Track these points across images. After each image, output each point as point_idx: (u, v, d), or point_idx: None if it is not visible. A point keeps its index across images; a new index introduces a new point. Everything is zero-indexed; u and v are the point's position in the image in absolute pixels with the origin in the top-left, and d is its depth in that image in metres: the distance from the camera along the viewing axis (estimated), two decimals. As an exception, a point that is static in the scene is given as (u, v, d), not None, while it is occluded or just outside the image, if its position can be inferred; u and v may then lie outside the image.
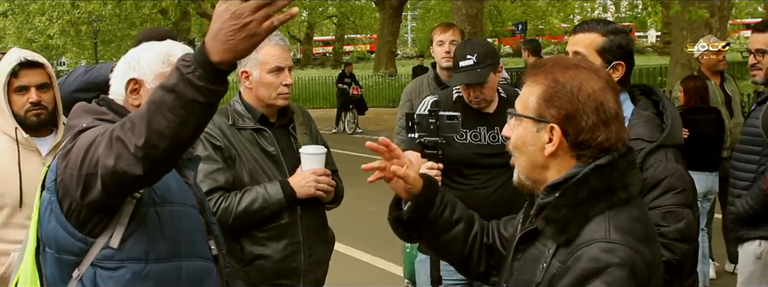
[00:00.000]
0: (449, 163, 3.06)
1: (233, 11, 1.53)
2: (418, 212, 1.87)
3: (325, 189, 2.82)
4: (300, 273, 2.86)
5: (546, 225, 1.59)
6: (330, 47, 46.96)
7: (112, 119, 1.97)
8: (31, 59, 2.70)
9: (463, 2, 14.54)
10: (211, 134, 2.82)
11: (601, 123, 1.58)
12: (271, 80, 2.82)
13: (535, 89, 1.63)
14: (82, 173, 1.78)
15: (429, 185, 1.88)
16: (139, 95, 2.04)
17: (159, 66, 2.03)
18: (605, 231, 1.51)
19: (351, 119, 17.71)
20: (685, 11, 10.40)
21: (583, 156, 1.60)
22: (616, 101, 1.61)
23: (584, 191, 1.56)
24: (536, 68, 1.66)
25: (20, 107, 2.70)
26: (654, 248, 1.57)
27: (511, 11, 33.35)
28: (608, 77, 1.64)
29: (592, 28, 2.39)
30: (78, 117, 2.01)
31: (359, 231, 6.98)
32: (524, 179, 1.68)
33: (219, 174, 2.76)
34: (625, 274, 1.46)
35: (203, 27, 38.99)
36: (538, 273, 1.57)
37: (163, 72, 2.01)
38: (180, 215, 2.00)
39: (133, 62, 2.07)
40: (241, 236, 2.81)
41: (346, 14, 38.70)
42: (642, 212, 1.62)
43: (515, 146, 1.67)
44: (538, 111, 1.61)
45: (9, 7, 26.61)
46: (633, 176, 1.62)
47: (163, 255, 1.94)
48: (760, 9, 28.43)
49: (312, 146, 2.85)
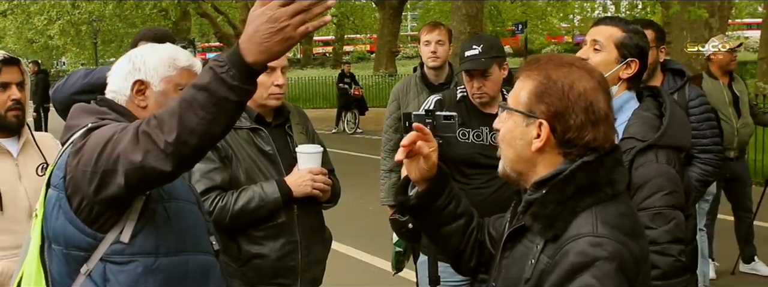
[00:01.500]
0: (451, 162, 3.06)
1: (270, 15, 1.59)
2: (426, 199, 1.88)
3: (321, 188, 2.82)
4: (297, 272, 2.85)
5: (534, 221, 1.60)
6: (330, 47, 46.96)
7: (115, 118, 1.99)
8: (11, 56, 2.64)
9: (463, 2, 14.54)
10: None
11: (589, 123, 1.58)
12: (262, 79, 2.79)
13: (528, 84, 1.64)
14: (98, 170, 1.80)
15: (442, 174, 1.90)
16: (145, 96, 2.07)
17: (165, 69, 2.07)
18: (592, 226, 1.53)
19: (351, 119, 17.72)
20: (685, 11, 10.39)
21: (570, 154, 1.61)
22: (607, 102, 1.62)
23: (571, 187, 1.58)
24: (531, 64, 1.67)
25: (1, 104, 2.61)
26: (641, 242, 1.59)
27: (511, 11, 33.38)
28: (601, 78, 1.65)
29: (616, 22, 2.45)
30: (78, 117, 2.02)
31: (359, 230, 6.97)
32: (509, 171, 1.70)
33: (215, 174, 2.77)
34: (613, 268, 1.47)
35: (203, 27, 39.03)
36: (527, 268, 1.59)
37: (169, 75, 2.07)
38: (185, 211, 2.04)
39: (138, 63, 2.08)
40: (238, 235, 2.81)
41: (346, 14, 38.73)
42: (628, 208, 1.64)
43: (504, 138, 1.69)
44: (528, 106, 1.63)
45: (9, 7, 26.62)
46: (619, 172, 1.64)
47: (172, 249, 1.98)
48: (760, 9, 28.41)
49: (308, 146, 2.85)
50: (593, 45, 2.44)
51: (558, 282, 1.50)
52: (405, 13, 36.86)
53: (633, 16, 27.24)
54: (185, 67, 2.10)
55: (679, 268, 2.24)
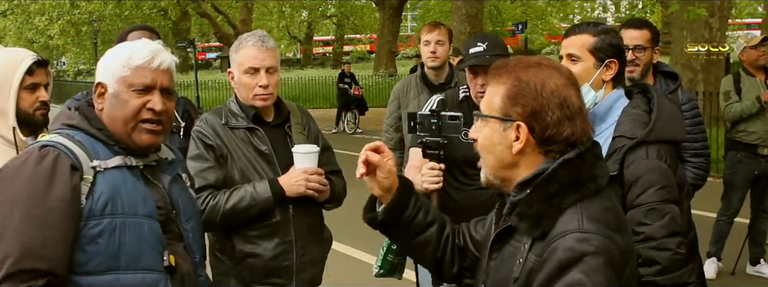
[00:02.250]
0: (453, 163, 3.07)
1: None
2: (392, 213, 1.88)
3: (315, 188, 2.82)
4: (292, 272, 2.86)
5: (520, 221, 1.61)
6: (330, 47, 46.93)
7: (77, 124, 1.99)
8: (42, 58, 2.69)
9: (463, 2, 14.55)
10: (204, 133, 2.84)
11: (565, 118, 1.61)
12: (247, 80, 2.84)
13: (499, 89, 1.66)
14: None
15: (404, 186, 1.90)
16: (103, 99, 2.02)
17: (120, 69, 2.00)
18: (578, 222, 1.55)
19: (351, 119, 17.71)
20: (684, 11, 10.39)
21: (551, 151, 1.63)
22: (579, 96, 1.65)
23: (554, 185, 1.59)
24: (499, 69, 1.69)
25: (30, 104, 2.65)
26: (626, 236, 1.61)
27: (511, 11, 33.34)
28: (569, 74, 1.67)
29: (583, 30, 2.47)
30: (55, 122, 2.05)
31: (359, 230, 6.88)
32: (493, 179, 1.71)
33: (209, 173, 2.78)
34: (600, 262, 1.49)
35: (203, 27, 39.06)
36: (516, 268, 1.60)
37: (123, 76, 1.99)
38: (125, 227, 1.94)
39: (101, 66, 2.05)
40: (233, 234, 2.83)
41: (346, 14, 38.72)
42: (612, 203, 1.65)
43: (482, 146, 1.71)
44: (503, 110, 1.64)
45: (9, 7, 26.62)
46: (600, 167, 1.66)
47: (101, 267, 1.90)
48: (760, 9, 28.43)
49: (304, 145, 2.85)
50: (569, 58, 2.45)
51: (547, 279, 1.51)
52: (405, 13, 36.84)
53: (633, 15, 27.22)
54: (140, 66, 2.00)
55: (679, 261, 2.24)
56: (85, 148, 1.94)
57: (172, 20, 24.76)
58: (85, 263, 1.89)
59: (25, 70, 2.62)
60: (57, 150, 1.90)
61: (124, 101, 1.99)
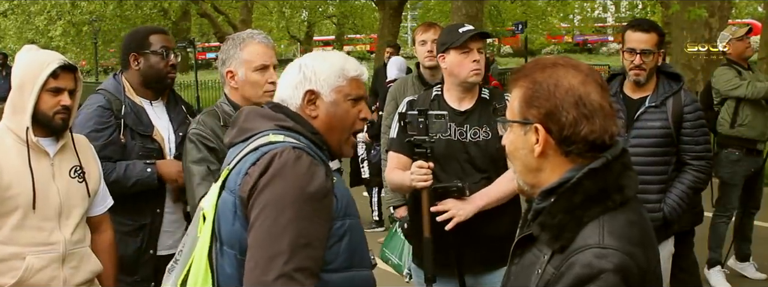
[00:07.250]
0: (436, 161, 3.09)
1: None
2: None
3: None
4: None
5: (541, 230, 1.59)
6: (330, 47, 46.93)
7: (291, 126, 2.03)
8: (69, 63, 2.70)
9: (463, 2, 14.54)
10: (204, 135, 2.83)
11: (582, 117, 1.57)
12: (256, 78, 2.84)
13: (517, 93, 1.65)
14: None
15: None
16: (316, 106, 2.10)
17: (336, 79, 2.11)
18: (599, 236, 1.50)
19: (351, 119, 17.71)
20: (685, 11, 10.38)
21: (571, 153, 1.59)
22: (600, 93, 1.60)
23: (579, 196, 1.55)
24: (518, 73, 1.68)
25: (50, 107, 2.67)
26: (649, 252, 1.56)
27: (511, 11, 33.31)
28: (589, 71, 1.63)
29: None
30: (253, 120, 2.08)
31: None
32: (523, 185, 1.70)
33: (214, 177, 2.76)
34: (617, 280, 1.45)
35: (203, 27, 39.04)
36: (533, 278, 1.58)
37: (339, 86, 2.10)
38: (355, 226, 2.06)
39: (309, 73, 2.11)
40: None
41: (346, 14, 38.70)
42: (638, 215, 1.61)
43: (509, 152, 1.69)
44: (521, 114, 1.63)
45: (9, 7, 26.62)
46: (628, 177, 1.61)
47: (341, 266, 1.99)
48: (760, 9, 28.41)
49: None
50: None
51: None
52: (405, 13, 36.81)
53: (633, 16, 27.24)
54: (354, 77, 2.13)
55: None
56: (314, 151, 2.01)
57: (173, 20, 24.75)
58: (330, 261, 1.95)
59: (49, 73, 2.64)
60: (304, 152, 1.95)
61: (345, 110, 2.10)
